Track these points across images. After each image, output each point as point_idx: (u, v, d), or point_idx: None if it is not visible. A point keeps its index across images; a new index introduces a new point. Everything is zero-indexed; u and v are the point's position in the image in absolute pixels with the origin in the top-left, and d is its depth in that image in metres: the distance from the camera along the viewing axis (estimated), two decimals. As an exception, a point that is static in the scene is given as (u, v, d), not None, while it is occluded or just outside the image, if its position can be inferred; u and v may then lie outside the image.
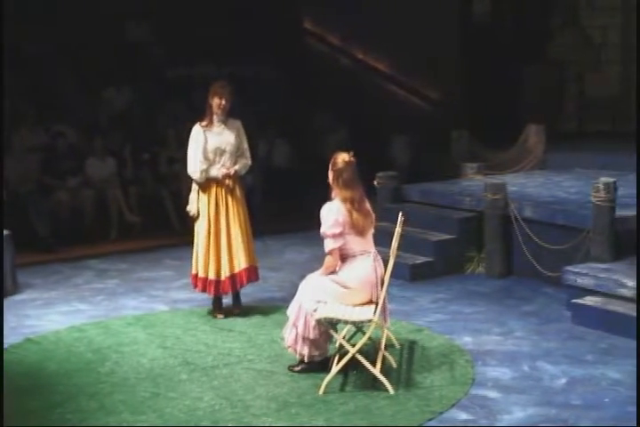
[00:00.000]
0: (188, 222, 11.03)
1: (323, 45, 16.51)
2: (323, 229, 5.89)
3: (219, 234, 7.31)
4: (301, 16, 16.76)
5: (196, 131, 7.31)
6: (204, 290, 7.42)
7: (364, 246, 5.96)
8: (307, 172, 12.35)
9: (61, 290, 8.58)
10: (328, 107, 14.17)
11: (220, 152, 7.29)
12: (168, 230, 11.07)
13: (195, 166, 7.26)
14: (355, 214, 5.89)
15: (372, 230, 6.06)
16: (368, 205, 6.08)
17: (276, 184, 11.71)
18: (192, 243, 7.40)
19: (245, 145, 7.48)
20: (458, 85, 14.10)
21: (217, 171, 7.27)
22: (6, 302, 8.02)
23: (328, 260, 5.95)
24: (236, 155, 7.40)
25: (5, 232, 8.27)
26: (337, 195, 5.95)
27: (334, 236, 5.85)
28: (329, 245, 5.89)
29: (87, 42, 13.64)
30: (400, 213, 6.33)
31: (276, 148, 12.63)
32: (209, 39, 14.78)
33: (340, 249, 5.91)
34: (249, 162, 7.49)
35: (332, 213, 5.86)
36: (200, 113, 7.45)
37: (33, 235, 10.14)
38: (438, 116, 14.10)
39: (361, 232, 5.93)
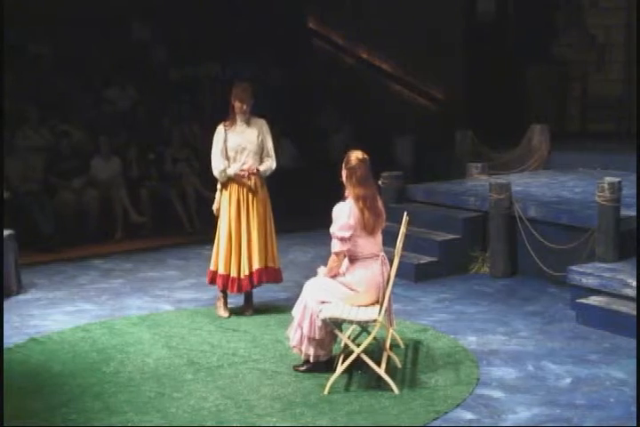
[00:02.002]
0: (195, 222, 11.15)
1: (327, 45, 16.51)
2: (332, 230, 5.86)
3: (239, 233, 7.32)
4: (306, 16, 16.76)
5: (218, 131, 7.38)
6: (224, 288, 7.43)
7: (372, 249, 5.93)
8: (311, 171, 12.35)
9: (66, 290, 8.58)
10: (332, 106, 14.18)
11: (240, 150, 7.31)
12: (175, 230, 11.08)
13: (215, 166, 7.31)
14: (366, 213, 5.84)
15: (381, 230, 6.02)
16: (380, 204, 6.04)
17: (281, 184, 11.68)
18: (198, 242, 7.40)
19: (270, 144, 7.46)
20: (462, 85, 14.09)
21: (234, 170, 7.29)
22: (10, 301, 8.03)
23: (333, 260, 5.92)
24: (262, 154, 7.41)
25: (9, 232, 8.29)
26: (350, 193, 5.90)
27: (342, 239, 5.81)
28: (336, 246, 5.87)
29: (92, 42, 13.66)
30: (405, 213, 6.33)
31: (281, 147, 12.62)
32: (213, 39, 14.79)
33: (349, 250, 5.88)
34: (274, 164, 7.45)
35: (344, 215, 5.81)
36: (205, 113, 7.48)
37: (37, 235, 10.15)
38: (443, 115, 14.10)
39: (371, 232, 5.89)
